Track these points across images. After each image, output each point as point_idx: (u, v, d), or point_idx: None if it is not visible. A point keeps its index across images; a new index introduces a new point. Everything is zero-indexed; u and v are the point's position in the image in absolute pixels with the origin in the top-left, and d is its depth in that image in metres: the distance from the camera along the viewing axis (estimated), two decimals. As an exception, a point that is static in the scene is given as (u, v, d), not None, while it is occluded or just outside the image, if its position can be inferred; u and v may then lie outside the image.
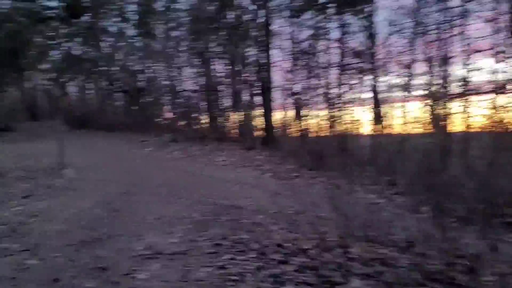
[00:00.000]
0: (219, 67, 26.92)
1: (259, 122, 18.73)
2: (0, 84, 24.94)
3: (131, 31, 36.79)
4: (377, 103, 17.08)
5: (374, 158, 13.18)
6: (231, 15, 22.77)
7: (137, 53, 31.03)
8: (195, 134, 17.13)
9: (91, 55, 34.86)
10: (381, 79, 17.41)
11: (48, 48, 38.32)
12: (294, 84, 24.10)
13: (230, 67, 19.60)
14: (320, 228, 4.74)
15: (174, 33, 32.34)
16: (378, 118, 16.75)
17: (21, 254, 3.82)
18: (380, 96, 17.54)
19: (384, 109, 17.17)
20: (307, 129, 24.90)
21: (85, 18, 35.04)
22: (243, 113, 14.88)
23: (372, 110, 17.61)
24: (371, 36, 18.11)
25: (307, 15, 28.02)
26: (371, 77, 18.04)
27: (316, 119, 26.73)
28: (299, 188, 8.51)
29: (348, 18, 21.76)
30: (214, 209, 5.65)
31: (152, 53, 30.04)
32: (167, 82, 31.40)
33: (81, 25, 34.56)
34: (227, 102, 23.45)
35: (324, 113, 28.18)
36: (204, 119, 24.44)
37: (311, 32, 28.81)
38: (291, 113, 27.18)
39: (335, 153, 12.54)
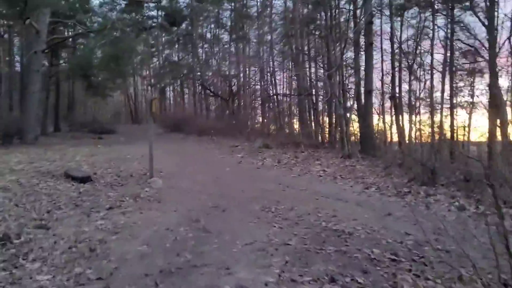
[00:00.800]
0: (314, 70, 26.04)
1: (356, 127, 17.43)
2: (105, 89, 26.47)
3: (225, 37, 37.63)
4: (494, 107, 14.76)
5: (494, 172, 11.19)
6: (327, 16, 21.65)
7: (231, 58, 31.33)
8: (288, 139, 16.30)
9: (188, 61, 36.06)
10: (500, 81, 15.04)
11: (149, 55, 40.48)
12: (394, 87, 22.35)
13: (326, 69, 18.48)
14: (460, 269, 3.55)
15: (267, 37, 32.22)
16: (493, 124, 14.48)
17: (93, 283, 3.19)
18: (497, 99, 15.18)
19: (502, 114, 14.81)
20: (408, 136, 22.91)
21: (184, 26, 36.48)
22: (338, 118, 13.67)
23: (487, 114, 15.36)
24: (490, 33, 15.73)
25: (410, 12, 25.95)
26: (486, 79, 15.69)
27: (419, 124, 24.59)
28: (413, 209, 7.21)
29: (460, 13, 19.48)
30: (316, 234, 4.67)
31: (246, 57, 30.05)
32: (260, 87, 31.26)
33: (179, 33, 35.95)
34: (321, 106, 22.43)
35: (427, 118, 25.86)
36: (297, 124, 23.62)
37: (414, 31, 26.63)
38: (390, 118, 25.43)
39: (449, 165, 10.82)
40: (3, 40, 21.12)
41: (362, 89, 16.73)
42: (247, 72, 31.59)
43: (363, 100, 16.09)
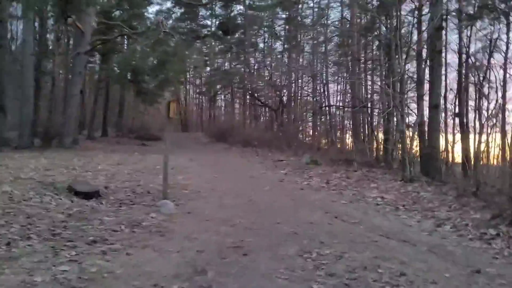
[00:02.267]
0: (370, 83, 23.96)
1: (417, 146, 15.24)
2: (154, 96, 25.86)
3: (279, 46, 36.33)
4: None
5: None
6: (388, 23, 19.65)
7: (284, 68, 29.86)
8: (339, 156, 14.44)
9: (240, 70, 35.07)
10: None
11: (202, 63, 40.03)
12: (462, 103, 19.82)
13: (384, 82, 16.47)
14: None
15: (321, 48, 30.50)
16: None
17: None
18: None
19: None
20: (474, 158, 20.17)
21: (237, 35, 35.60)
22: (400, 134, 11.66)
23: None
24: None
25: (480, 23, 23.35)
26: None
27: (486, 145, 21.76)
28: (508, 262, 5.26)
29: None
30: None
31: (299, 68, 28.49)
32: (312, 98, 29.53)
33: (233, 42, 35.10)
34: (378, 121, 20.31)
35: (497, 138, 22.96)
36: (350, 139, 21.61)
37: (484, 43, 23.96)
38: (453, 137, 22.75)
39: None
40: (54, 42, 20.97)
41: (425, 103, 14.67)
42: (299, 82, 30.03)
43: (425, 116, 14.01)
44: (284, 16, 31.63)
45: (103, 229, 4.40)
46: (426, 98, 15.23)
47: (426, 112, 14.17)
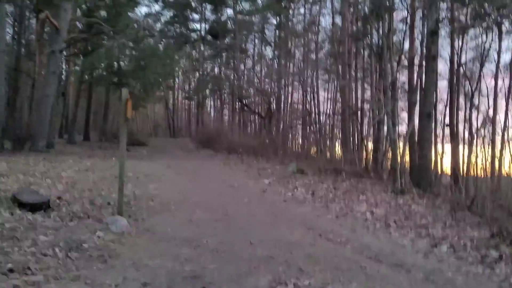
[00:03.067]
0: (360, 92, 23.33)
1: (407, 157, 14.54)
2: (137, 99, 24.95)
3: (269, 53, 35.65)
4: None
5: None
6: (378, 30, 19.10)
7: (274, 74, 29.15)
8: (328, 165, 13.70)
9: (229, 75, 34.29)
10: None
11: (191, 68, 39.20)
12: (452, 113, 19.25)
13: (376, 88, 15.85)
14: None
15: (312, 55, 29.88)
16: None
17: None
18: None
19: None
20: (462, 168, 19.57)
21: (227, 40, 34.86)
22: (392, 144, 10.95)
23: None
24: None
25: (471, 33, 23.00)
26: None
27: (476, 157, 21.21)
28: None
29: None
30: None
31: (289, 74, 27.80)
32: (301, 105, 28.83)
33: (222, 47, 34.33)
34: (368, 129, 19.63)
35: (483, 149, 22.45)
36: (339, 148, 20.88)
37: (474, 53, 23.60)
38: (443, 147, 22.18)
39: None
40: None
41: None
42: (289, 89, 29.36)
43: (415, 126, 13.37)
44: (275, 22, 31.05)
45: (31, 252, 3.54)
46: (417, 107, 14.65)
47: (415, 121, 13.55)
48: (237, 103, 30.96)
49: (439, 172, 20.25)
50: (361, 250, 5.24)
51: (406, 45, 18.37)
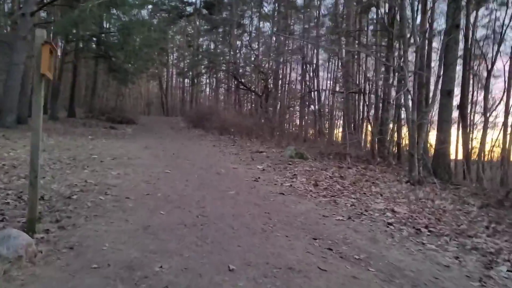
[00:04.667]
0: (370, 62, 21.46)
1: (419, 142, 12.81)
2: (126, 74, 22.99)
3: (267, 29, 33.54)
4: None
5: None
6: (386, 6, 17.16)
7: (272, 51, 27.15)
8: (330, 148, 11.99)
9: (224, 51, 32.19)
10: None
11: (186, 44, 37.03)
12: (464, 94, 17.51)
13: (394, 56, 13.91)
14: None
15: (313, 31, 27.82)
16: None
17: None
18: None
19: None
20: (480, 154, 17.98)
21: (224, 14, 32.64)
22: (410, 126, 9.17)
23: None
24: None
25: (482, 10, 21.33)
26: None
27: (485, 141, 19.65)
28: None
29: None
30: None
31: (288, 51, 25.85)
32: (300, 83, 26.96)
33: (218, 21, 32.14)
34: (372, 110, 17.83)
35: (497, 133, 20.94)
36: (341, 129, 19.13)
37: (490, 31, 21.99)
38: (458, 132, 20.50)
39: None
40: None
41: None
42: (287, 66, 27.48)
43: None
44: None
45: None
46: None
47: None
48: (232, 81, 29.09)
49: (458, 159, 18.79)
50: (390, 275, 3.55)
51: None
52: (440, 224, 5.43)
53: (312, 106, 19.19)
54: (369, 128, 14.41)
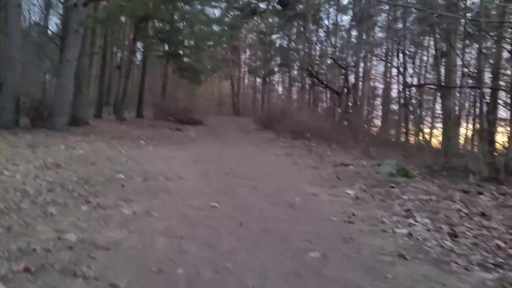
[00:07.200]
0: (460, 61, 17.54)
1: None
2: (195, 72, 21.32)
3: (346, 22, 30.30)
4: None
5: None
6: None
7: (351, 47, 23.92)
8: (439, 161, 8.79)
9: (299, 47, 29.49)
10: None
11: (258, 41, 34.90)
12: None
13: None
14: None
15: (398, 24, 24.12)
16: None
17: None
18: None
19: None
20: None
21: (298, 8, 29.94)
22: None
23: None
24: None
25: None
26: None
27: None
28: None
29: None
30: None
31: (369, 46, 22.50)
32: (386, 81, 23.45)
33: (292, 16, 29.55)
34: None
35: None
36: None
37: None
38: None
39: None
40: None
41: None
42: (368, 64, 24.13)
43: None
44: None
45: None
46: None
47: None
48: (307, 79, 26.33)
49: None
50: None
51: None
52: None
53: (409, 105, 15.54)
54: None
